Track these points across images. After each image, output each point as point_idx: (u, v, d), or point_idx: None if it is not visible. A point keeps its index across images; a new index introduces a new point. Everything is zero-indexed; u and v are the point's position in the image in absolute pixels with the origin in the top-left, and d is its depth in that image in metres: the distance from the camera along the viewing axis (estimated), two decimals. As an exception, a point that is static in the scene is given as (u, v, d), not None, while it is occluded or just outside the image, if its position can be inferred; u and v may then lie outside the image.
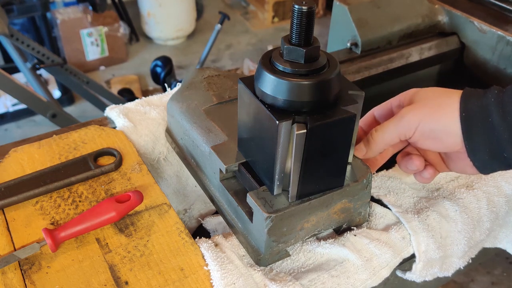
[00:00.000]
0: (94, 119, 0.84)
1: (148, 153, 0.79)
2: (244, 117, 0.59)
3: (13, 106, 2.72)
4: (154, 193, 0.68)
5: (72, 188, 0.69)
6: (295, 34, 0.51)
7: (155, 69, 2.30)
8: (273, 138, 0.52)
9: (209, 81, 0.78)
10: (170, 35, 3.48)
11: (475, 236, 0.68)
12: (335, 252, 0.61)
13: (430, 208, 0.66)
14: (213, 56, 3.37)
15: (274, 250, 0.59)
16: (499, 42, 1.06)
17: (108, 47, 3.16)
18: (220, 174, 0.64)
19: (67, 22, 2.97)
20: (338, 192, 0.59)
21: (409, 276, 0.65)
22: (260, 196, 0.57)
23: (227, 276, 0.56)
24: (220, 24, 2.49)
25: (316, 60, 0.52)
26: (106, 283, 0.56)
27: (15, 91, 1.92)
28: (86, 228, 0.60)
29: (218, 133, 0.67)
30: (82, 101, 2.85)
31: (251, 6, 3.98)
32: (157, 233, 0.62)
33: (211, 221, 0.74)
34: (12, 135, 2.65)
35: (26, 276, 0.57)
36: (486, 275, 1.91)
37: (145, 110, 0.83)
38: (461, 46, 1.15)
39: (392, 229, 0.64)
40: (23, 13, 2.42)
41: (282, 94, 0.51)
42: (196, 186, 0.81)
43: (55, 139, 0.77)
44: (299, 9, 0.50)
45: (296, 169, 0.54)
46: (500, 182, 0.71)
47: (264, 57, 0.54)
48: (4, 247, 0.60)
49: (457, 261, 0.69)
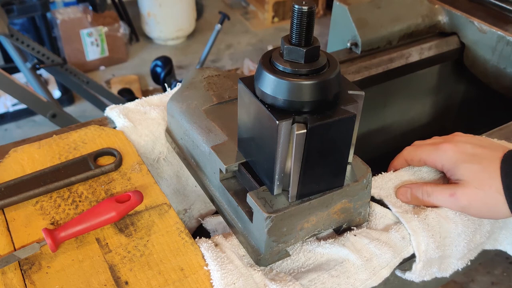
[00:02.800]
0: (94, 119, 0.84)
1: (148, 153, 0.79)
2: (244, 117, 0.59)
3: (13, 106, 2.72)
4: (154, 193, 0.68)
5: (72, 188, 0.69)
6: (295, 34, 0.51)
7: (155, 69, 2.30)
8: (273, 138, 0.52)
9: (209, 81, 0.78)
10: (170, 35, 3.48)
11: (475, 239, 0.68)
12: (335, 252, 0.61)
13: (430, 208, 0.66)
14: (213, 56, 3.37)
15: (274, 250, 0.59)
16: (499, 42, 1.06)
17: (108, 47, 3.16)
18: (220, 174, 0.64)
19: (67, 22, 2.97)
20: (338, 192, 0.59)
21: (409, 276, 0.65)
22: (260, 196, 0.57)
23: (227, 276, 0.56)
24: (220, 24, 2.49)
25: (316, 60, 0.52)
26: (106, 283, 0.56)
27: (15, 91, 1.92)
28: (86, 228, 0.60)
29: (218, 133, 0.67)
30: (82, 101, 2.85)
31: (251, 6, 3.98)
32: (157, 233, 0.62)
33: (211, 221, 0.74)
34: (12, 135, 2.65)
35: (26, 276, 0.57)
36: (486, 275, 1.91)
37: (145, 110, 0.83)
38: (461, 46, 1.15)
39: (392, 229, 0.64)
40: (23, 13, 2.42)
41: (282, 94, 0.51)
42: (196, 186, 0.81)
43: (55, 139, 0.77)
44: (299, 9, 0.50)
45: (296, 169, 0.54)
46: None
47: (264, 57, 0.54)
48: (4, 247, 0.60)
49: (455, 262, 0.69)
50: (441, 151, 0.68)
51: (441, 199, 0.65)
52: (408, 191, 0.68)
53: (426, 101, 1.35)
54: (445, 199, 0.65)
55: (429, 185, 0.67)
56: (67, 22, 2.97)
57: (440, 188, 0.66)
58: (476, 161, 0.65)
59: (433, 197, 0.66)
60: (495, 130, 0.83)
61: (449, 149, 0.67)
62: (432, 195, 0.66)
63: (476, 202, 0.63)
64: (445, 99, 1.36)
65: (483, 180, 0.63)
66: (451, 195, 0.65)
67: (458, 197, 0.64)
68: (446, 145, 0.68)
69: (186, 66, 3.28)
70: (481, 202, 0.63)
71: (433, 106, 1.36)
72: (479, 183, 0.63)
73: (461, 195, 0.64)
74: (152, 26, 3.45)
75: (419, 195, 0.67)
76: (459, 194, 0.64)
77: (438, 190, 0.66)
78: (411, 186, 0.68)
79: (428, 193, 0.66)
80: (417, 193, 0.67)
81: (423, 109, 1.36)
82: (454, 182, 0.66)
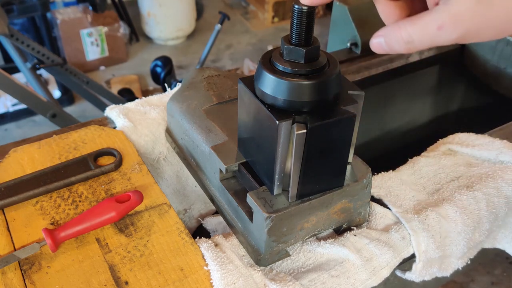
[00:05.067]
0: (94, 119, 0.84)
1: (148, 153, 0.79)
2: (244, 117, 0.59)
3: (13, 106, 2.72)
4: (154, 193, 0.68)
5: (72, 188, 0.69)
6: (295, 34, 0.51)
7: (155, 69, 2.30)
8: (273, 138, 0.52)
9: (209, 81, 0.78)
10: (170, 35, 3.48)
11: (474, 237, 0.68)
12: (335, 252, 0.61)
13: (430, 208, 0.66)
14: (213, 56, 3.37)
15: (274, 250, 0.59)
16: (499, 42, 1.06)
17: (108, 47, 3.16)
18: (220, 174, 0.64)
19: (67, 22, 2.97)
20: (338, 192, 0.59)
21: (409, 276, 0.65)
22: (260, 196, 0.57)
23: (227, 276, 0.56)
24: (220, 24, 2.49)
25: (316, 60, 0.52)
26: (106, 283, 0.56)
27: (15, 91, 1.91)
28: (86, 228, 0.60)
29: (218, 133, 0.67)
30: (82, 101, 2.85)
31: (251, 6, 3.98)
32: (157, 233, 0.62)
33: (211, 221, 0.74)
34: (12, 135, 2.64)
35: (26, 276, 0.57)
36: (486, 275, 1.91)
37: (145, 110, 0.83)
38: (461, 46, 1.15)
39: (392, 229, 0.64)
40: (23, 13, 2.42)
41: (282, 94, 0.51)
42: (196, 186, 0.81)
43: (55, 139, 0.77)
44: (299, 9, 0.50)
45: (296, 169, 0.54)
46: (500, 183, 0.71)
47: (264, 57, 0.54)
48: (4, 247, 0.60)
49: (455, 262, 0.69)
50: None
51: (426, 40, 0.44)
52: (381, 42, 0.48)
53: (426, 101, 1.35)
54: (433, 38, 0.44)
55: (405, 26, 0.45)
56: (67, 22, 2.97)
57: (422, 24, 0.44)
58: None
59: (416, 43, 0.45)
60: (495, 130, 0.83)
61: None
62: (414, 40, 0.45)
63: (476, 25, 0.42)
64: (445, 99, 1.36)
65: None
66: (439, 28, 0.43)
67: (449, 29, 0.42)
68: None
69: (186, 66, 3.28)
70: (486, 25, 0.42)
71: (433, 106, 1.36)
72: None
73: (453, 24, 0.42)
74: (152, 26, 3.45)
75: (397, 46, 0.47)
76: (449, 23, 0.42)
77: (419, 28, 0.44)
78: (384, 35, 0.47)
79: (408, 39, 0.45)
80: (394, 45, 0.47)
81: (423, 109, 1.36)
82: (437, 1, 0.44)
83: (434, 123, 1.39)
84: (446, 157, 0.76)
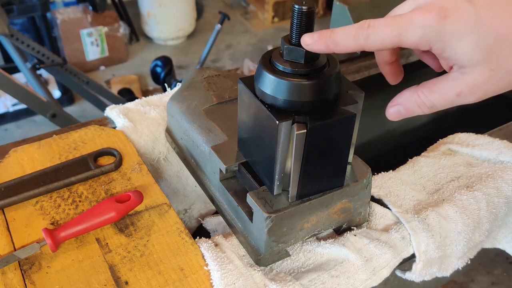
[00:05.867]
0: (94, 119, 0.84)
1: (148, 153, 0.79)
2: (244, 117, 0.59)
3: (13, 106, 2.72)
4: (154, 193, 0.68)
5: (72, 188, 0.69)
6: (295, 34, 0.51)
7: (155, 69, 2.30)
8: (273, 138, 0.52)
9: (209, 81, 0.78)
10: (170, 35, 3.48)
11: (474, 237, 0.68)
12: (335, 252, 0.61)
13: (430, 208, 0.66)
14: (213, 56, 3.37)
15: (274, 250, 0.59)
16: (499, 42, 1.05)
17: (108, 47, 3.16)
18: (220, 174, 0.64)
19: (67, 22, 2.97)
20: (338, 192, 0.59)
21: (409, 276, 0.65)
22: (260, 196, 0.57)
23: (227, 276, 0.56)
24: (220, 24, 2.49)
25: (316, 60, 0.52)
26: (106, 283, 0.56)
27: (15, 91, 1.91)
28: (86, 228, 0.60)
29: (218, 133, 0.67)
30: (82, 101, 2.85)
31: (251, 6, 3.98)
32: (157, 233, 0.62)
33: (211, 221, 0.74)
34: (12, 135, 2.65)
35: (26, 276, 0.57)
36: (486, 275, 1.91)
37: (145, 110, 0.83)
38: (461, 46, 1.15)
39: (392, 229, 0.64)
40: (23, 13, 2.42)
41: (282, 94, 0.51)
42: (196, 186, 0.81)
43: (55, 139, 0.77)
44: (299, 9, 0.50)
45: (296, 169, 0.54)
46: (500, 183, 0.71)
47: (264, 57, 0.54)
48: (4, 247, 0.60)
49: (455, 262, 0.69)
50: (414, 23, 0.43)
51: (447, 104, 0.46)
52: (400, 110, 0.49)
53: (426, 101, 1.34)
54: (453, 102, 0.46)
55: (423, 93, 0.47)
56: (67, 22, 2.97)
57: (441, 92, 0.46)
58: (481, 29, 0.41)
59: (438, 107, 0.47)
60: (495, 130, 0.83)
61: (427, 18, 0.43)
62: (436, 105, 0.47)
63: (493, 88, 0.43)
64: (445, 99, 1.35)
65: (501, 51, 0.41)
66: (458, 95, 0.44)
67: (467, 95, 0.44)
68: (419, 14, 0.43)
69: (186, 66, 3.28)
70: (503, 86, 0.44)
71: (433, 106, 1.36)
72: (496, 60, 0.41)
73: (471, 91, 0.43)
74: (152, 26, 3.45)
75: (419, 111, 0.48)
76: (467, 91, 0.44)
77: (439, 95, 0.46)
78: (402, 103, 0.49)
79: (430, 105, 0.47)
80: (416, 110, 0.49)
81: (423, 109, 1.35)
82: (450, 65, 0.45)
83: (434, 123, 1.39)
84: (446, 157, 0.76)
